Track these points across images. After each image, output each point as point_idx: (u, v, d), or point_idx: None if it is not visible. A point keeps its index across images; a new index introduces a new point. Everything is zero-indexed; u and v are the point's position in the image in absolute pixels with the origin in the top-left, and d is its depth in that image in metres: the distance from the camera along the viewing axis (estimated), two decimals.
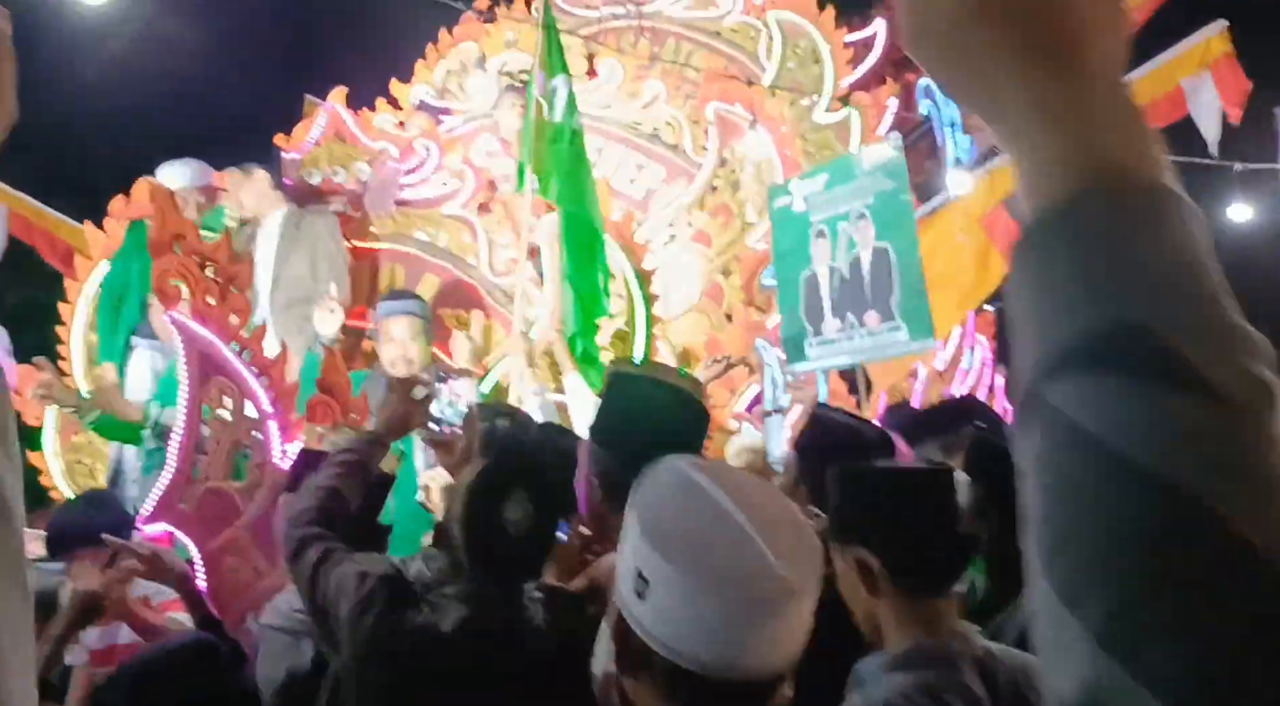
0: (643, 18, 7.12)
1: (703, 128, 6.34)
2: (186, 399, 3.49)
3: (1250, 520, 0.41)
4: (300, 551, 2.07)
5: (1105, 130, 0.50)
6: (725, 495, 1.17)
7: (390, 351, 4.48)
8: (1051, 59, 0.51)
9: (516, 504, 1.95)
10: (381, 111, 6.00)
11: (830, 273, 4.93)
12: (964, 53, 0.53)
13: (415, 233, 5.29)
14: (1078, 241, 0.47)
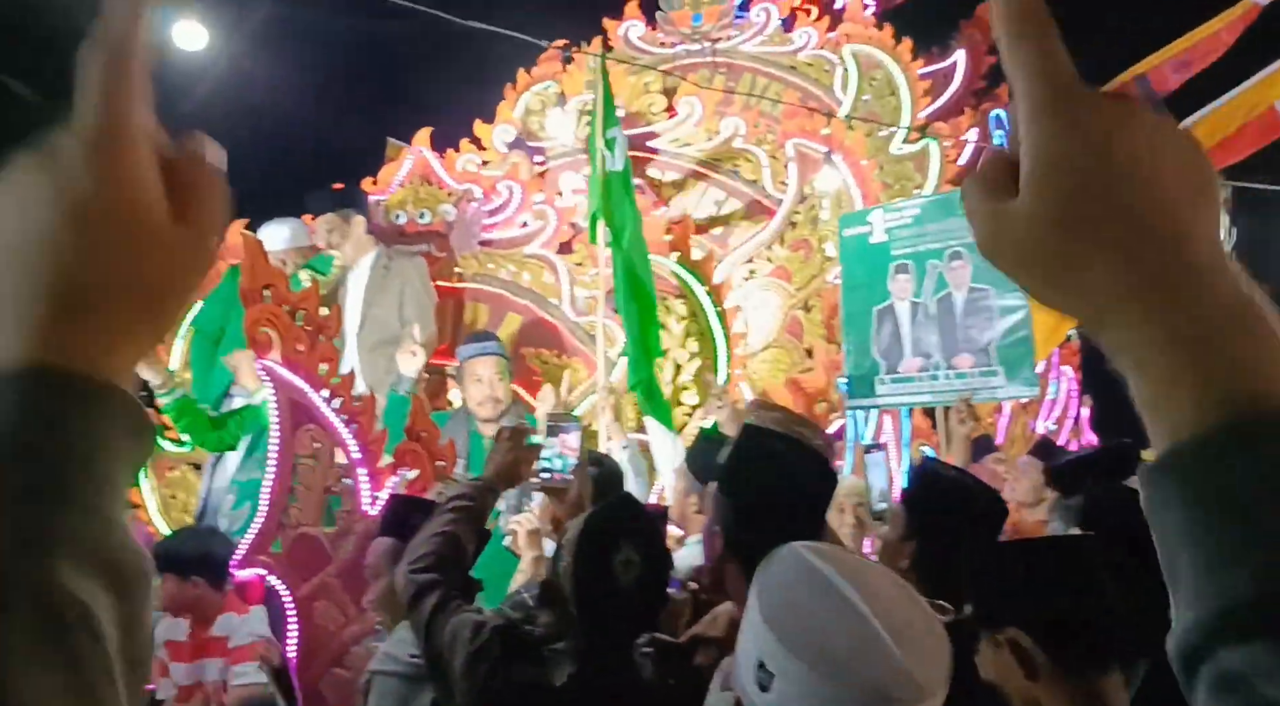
0: (718, 54, 7.15)
1: (782, 163, 6.32)
2: (277, 445, 3.56)
3: None
4: (418, 597, 2.09)
5: (1233, 344, 0.44)
6: (851, 587, 1.15)
7: (477, 392, 4.54)
8: (1155, 263, 0.46)
9: (625, 557, 1.94)
10: (465, 152, 6.10)
11: (913, 309, 4.84)
12: (1053, 270, 0.48)
13: (499, 272, 5.35)
14: (1232, 483, 0.42)
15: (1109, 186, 0.46)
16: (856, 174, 6.18)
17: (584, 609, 1.93)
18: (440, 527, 2.22)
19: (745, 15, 7.17)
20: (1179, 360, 0.44)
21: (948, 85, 7.63)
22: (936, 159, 6.80)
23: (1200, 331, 0.44)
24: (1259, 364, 0.44)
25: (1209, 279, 0.45)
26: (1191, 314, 0.45)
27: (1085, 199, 0.47)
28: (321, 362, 3.47)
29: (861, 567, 1.24)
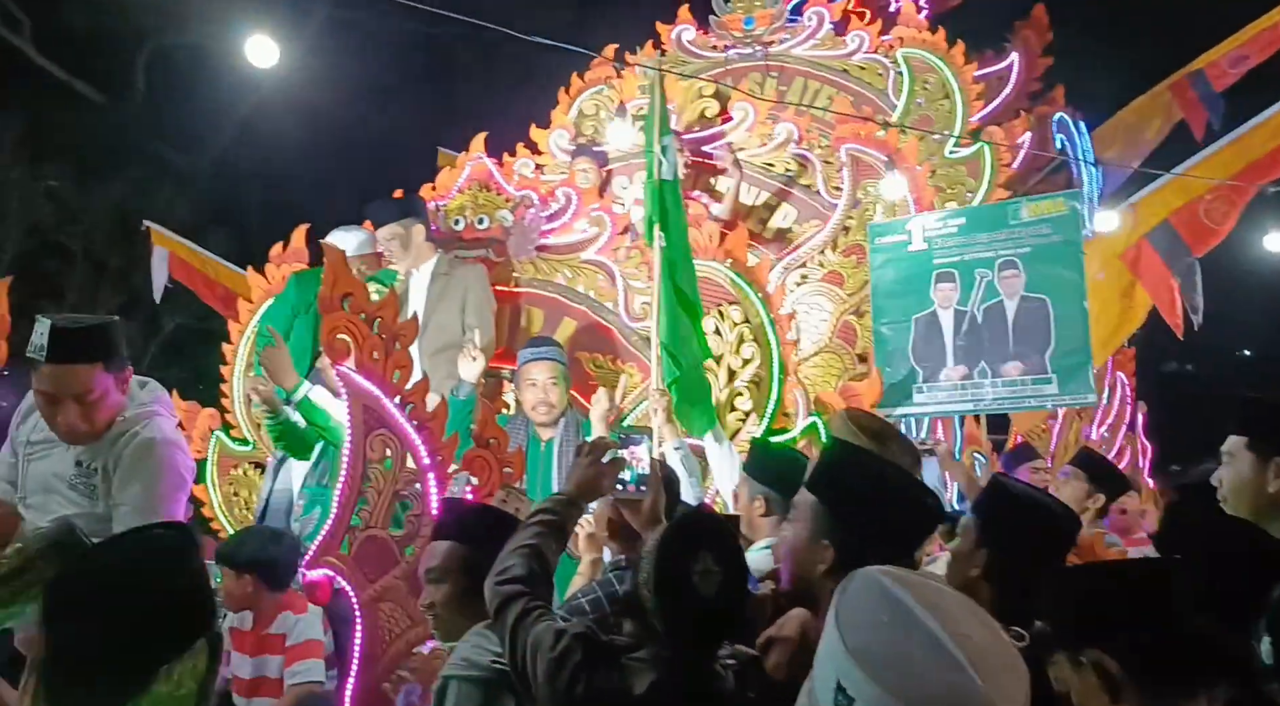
0: (770, 57, 7.17)
1: (836, 168, 6.33)
2: (349, 449, 3.66)
3: None
4: (504, 607, 2.17)
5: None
6: (929, 614, 1.18)
7: (531, 396, 4.64)
8: None
9: (704, 567, 1.98)
10: (520, 156, 6.18)
11: (957, 317, 4.83)
12: None
13: (555, 277, 5.43)
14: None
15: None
16: (910, 179, 6.18)
17: (665, 619, 1.99)
18: (525, 540, 2.29)
19: (798, 19, 7.18)
20: None
21: (1002, 88, 7.58)
22: (990, 163, 6.78)
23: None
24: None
25: None
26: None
27: None
28: (396, 370, 3.56)
29: (939, 593, 1.26)
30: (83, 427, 2.81)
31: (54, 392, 2.75)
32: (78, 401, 2.77)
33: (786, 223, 6.53)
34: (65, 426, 2.79)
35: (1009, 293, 4.72)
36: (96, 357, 2.79)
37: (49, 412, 2.79)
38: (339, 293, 3.62)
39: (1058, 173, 7.68)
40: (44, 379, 2.75)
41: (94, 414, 2.82)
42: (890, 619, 1.19)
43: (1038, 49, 7.80)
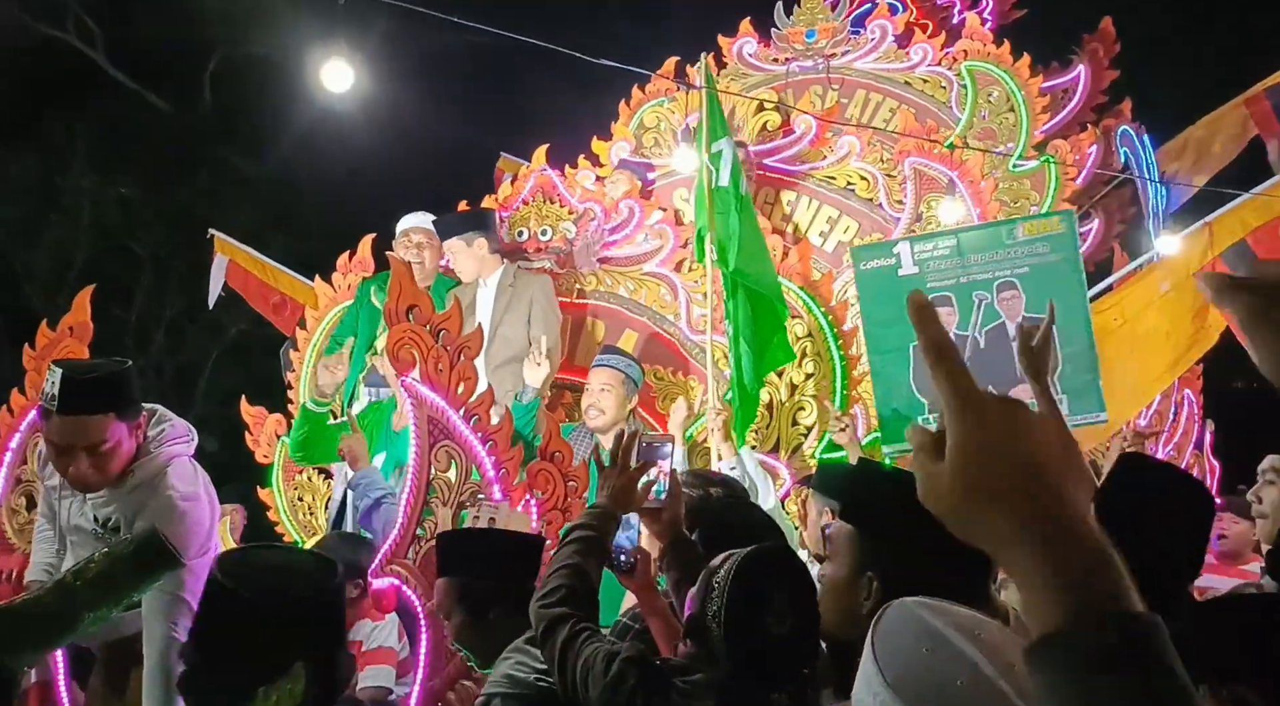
0: (832, 71, 7.14)
1: (899, 181, 6.29)
2: (414, 461, 3.70)
3: None
4: (550, 631, 2.14)
5: (1091, 571, 0.66)
6: (971, 645, 1.16)
7: (585, 399, 4.72)
8: (1033, 518, 0.68)
9: (778, 608, 1.94)
10: (582, 168, 6.22)
11: (957, 342, 4.71)
12: (967, 518, 0.72)
13: (618, 289, 5.45)
14: (1083, 662, 0.64)
15: (998, 463, 0.70)
16: (973, 194, 6.12)
17: (733, 655, 1.94)
18: (565, 560, 2.26)
19: (860, 31, 7.15)
20: (1045, 583, 0.67)
21: (1067, 101, 7.48)
22: (1055, 177, 6.69)
23: (1064, 563, 0.67)
24: (1098, 589, 0.66)
25: (1068, 529, 0.68)
26: (1058, 551, 0.67)
27: (983, 472, 0.70)
28: (461, 382, 3.60)
29: (978, 623, 1.23)
30: (94, 478, 2.73)
31: (65, 444, 2.67)
32: (89, 452, 2.68)
33: (848, 236, 6.48)
34: (76, 477, 2.71)
35: (1010, 314, 4.60)
36: (109, 408, 2.69)
37: (60, 463, 2.71)
38: (404, 304, 3.67)
39: (1123, 187, 7.55)
40: (55, 430, 2.66)
41: (106, 464, 2.72)
42: (930, 650, 1.15)
43: (1105, 61, 7.68)
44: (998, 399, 0.73)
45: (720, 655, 1.96)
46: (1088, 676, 0.64)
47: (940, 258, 4.73)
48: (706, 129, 5.00)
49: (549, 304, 5.07)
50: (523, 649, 2.38)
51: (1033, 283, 4.59)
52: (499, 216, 5.59)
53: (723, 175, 4.88)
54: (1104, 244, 7.44)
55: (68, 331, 3.87)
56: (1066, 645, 0.65)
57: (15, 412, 3.82)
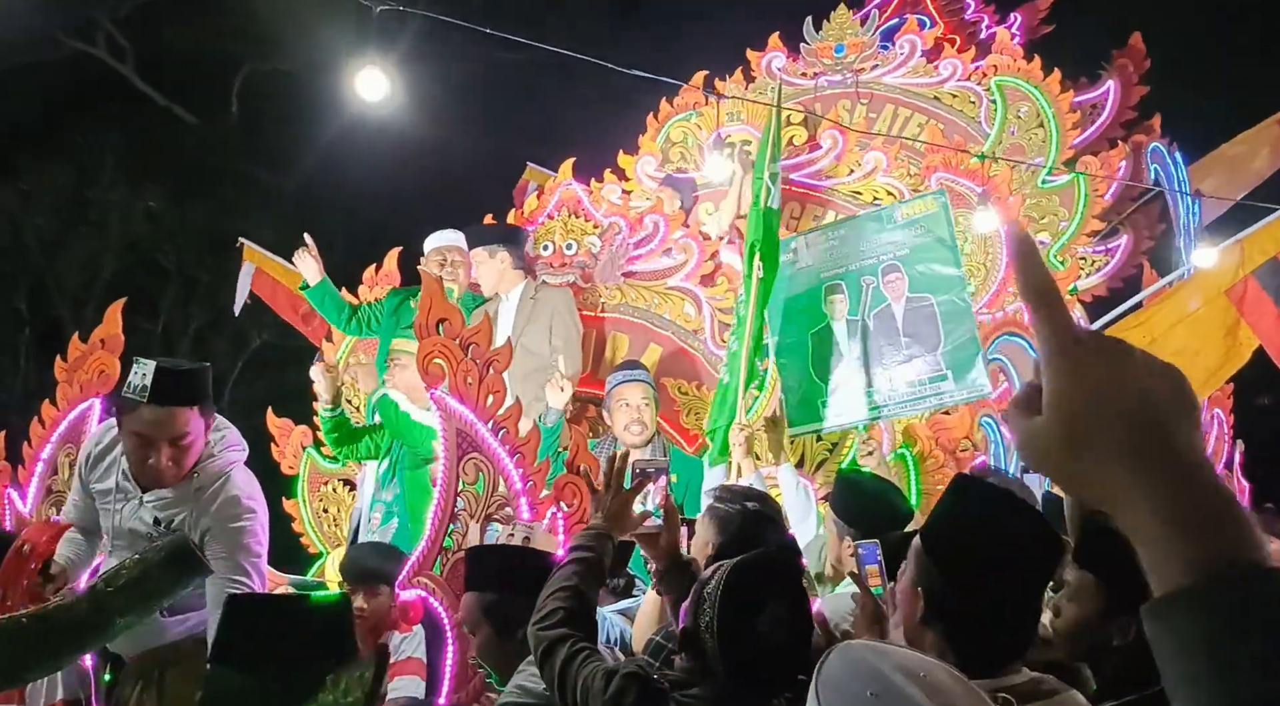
0: (860, 85, 7.12)
1: None
2: (443, 473, 3.70)
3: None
4: (549, 652, 2.14)
5: (1204, 523, 0.61)
6: (914, 686, 1.13)
7: (624, 416, 4.69)
8: (1146, 468, 0.63)
9: (770, 615, 1.93)
10: (608, 182, 6.22)
11: (849, 327, 4.85)
12: (1072, 471, 0.66)
13: (642, 303, 5.45)
14: (1214, 621, 0.58)
15: (1102, 411, 0.64)
16: (1002, 210, 6.08)
17: (727, 664, 1.94)
18: (562, 582, 2.26)
19: (889, 46, 7.13)
20: (1165, 534, 0.61)
21: (1096, 116, 7.42)
22: (1084, 193, 6.64)
23: (1183, 515, 0.61)
24: (1224, 537, 0.60)
25: (1186, 474, 0.62)
26: (1175, 501, 0.61)
27: (1084, 422, 0.65)
28: (489, 395, 3.59)
29: (921, 663, 1.21)
30: (170, 472, 2.80)
31: (151, 435, 2.75)
32: (171, 444, 2.77)
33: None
34: (154, 469, 2.78)
35: (895, 296, 4.77)
36: (194, 402, 2.81)
37: (140, 455, 2.78)
38: (434, 318, 3.68)
39: (1152, 203, 7.48)
40: (142, 420, 2.75)
41: (183, 458, 2.81)
42: (875, 695, 1.14)
43: (1134, 77, 7.61)
44: (1100, 340, 0.67)
45: (715, 666, 1.95)
46: (1214, 636, 0.58)
47: (832, 247, 4.94)
48: (772, 147, 4.99)
49: (570, 316, 5.08)
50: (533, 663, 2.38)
51: (913, 264, 4.78)
52: (526, 230, 5.61)
53: (775, 197, 4.91)
54: (1133, 260, 7.37)
55: (99, 343, 3.90)
56: (1188, 603, 0.59)
57: (47, 424, 3.84)
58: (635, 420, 4.66)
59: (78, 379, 3.82)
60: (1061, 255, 6.48)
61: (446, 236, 5.31)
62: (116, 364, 3.81)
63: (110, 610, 2.19)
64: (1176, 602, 0.60)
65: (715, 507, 2.89)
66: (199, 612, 2.88)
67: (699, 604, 2.01)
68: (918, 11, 7.78)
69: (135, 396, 2.73)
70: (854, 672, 1.16)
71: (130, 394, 2.76)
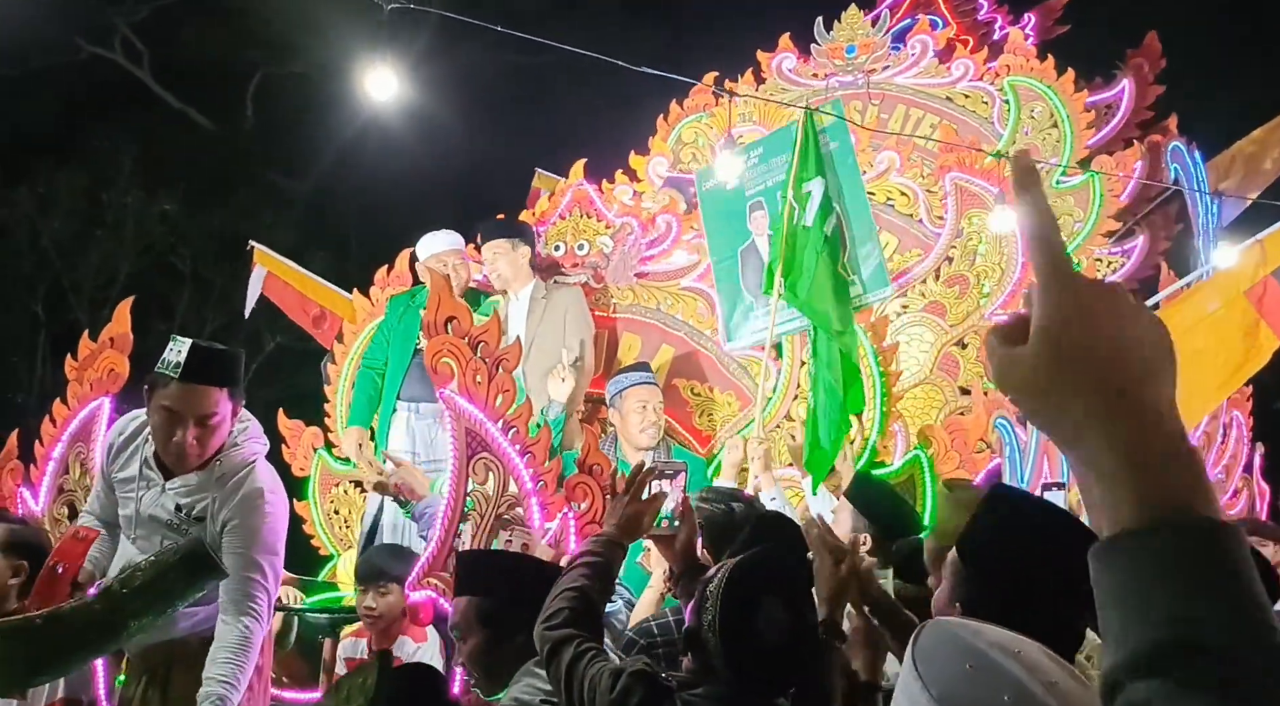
0: (871, 85, 7.08)
1: (939, 197, 6.22)
2: (453, 472, 3.68)
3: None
4: (555, 652, 2.12)
5: (1166, 469, 0.62)
6: (1013, 662, 1.13)
7: (640, 419, 4.67)
8: (1116, 404, 0.64)
9: (770, 614, 1.93)
10: (620, 183, 6.21)
11: (771, 241, 5.01)
12: (1046, 401, 0.67)
13: (654, 304, 5.43)
14: (1145, 566, 0.60)
15: (1087, 346, 0.65)
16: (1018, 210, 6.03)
17: (729, 663, 1.94)
18: (570, 584, 2.25)
19: (901, 47, 7.09)
20: (1123, 475, 0.62)
21: (1111, 116, 7.36)
22: (1099, 194, 6.59)
23: (1141, 457, 0.62)
24: (1178, 486, 0.62)
25: (1154, 422, 0.64)
26: (1136, 443, 0.63)
27: (1069, 353, 0.66)
28: (499, 394, 3.58)
29: (1015, 640, 1.20)
30: (194, 451, 2.82)
31: (179, 411, 2.78)
32: (199, 423, 2.79)
33: (887, 252, 6.41)
34: (179, 447, 2.79)
35: (810, 208, 4.95)
36: (225, 382, 2.84)
37: (166, 431, 2.80)
38: (443, 316, 3.67)
39: (1170, 203, 7.42)
40: (172, 396, 2.77)
41: (208, 438, 2.83)
42: (974, 667, 1.13)
43: (1150, 77, 7.56)
44: (1094, 280, 0.69)
45: (718, 665, 1.95)
46: (1154, 579, 0.60)
47: (752, 167, 5.17)
48: (797, 166, 4.96)
49: (582, 314, 5.07)
50: (531, 671, 2.37)
51: (826, 171, 5.01)
52: (537, 231, 5.60)
53: (808, 215, 4.89)
54: (1149, 262, 7.31)
55: (108, 342, 3.90)
56: (1134, 546, 0.61)
57: (58, 423, 3.85)
58: (653, 423, 4.65)
59: (88, 377, 3.83)
60: (1077, 256, 6.42)
61: (443, 240, 5.27)
62: (126, 363, 3.81)
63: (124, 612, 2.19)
64: (1119, 543, 0.62)
65: (700, 507, 2.88)
66: (208, 608, 2.86)
67: (702, 602, 2.01)
68: (929, 12, 7.75)
69: (168, 372, 2.76)
70: (950, 646, 1.16)
71: (163, 369, 2.79)
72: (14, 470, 3.90)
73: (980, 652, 1.13)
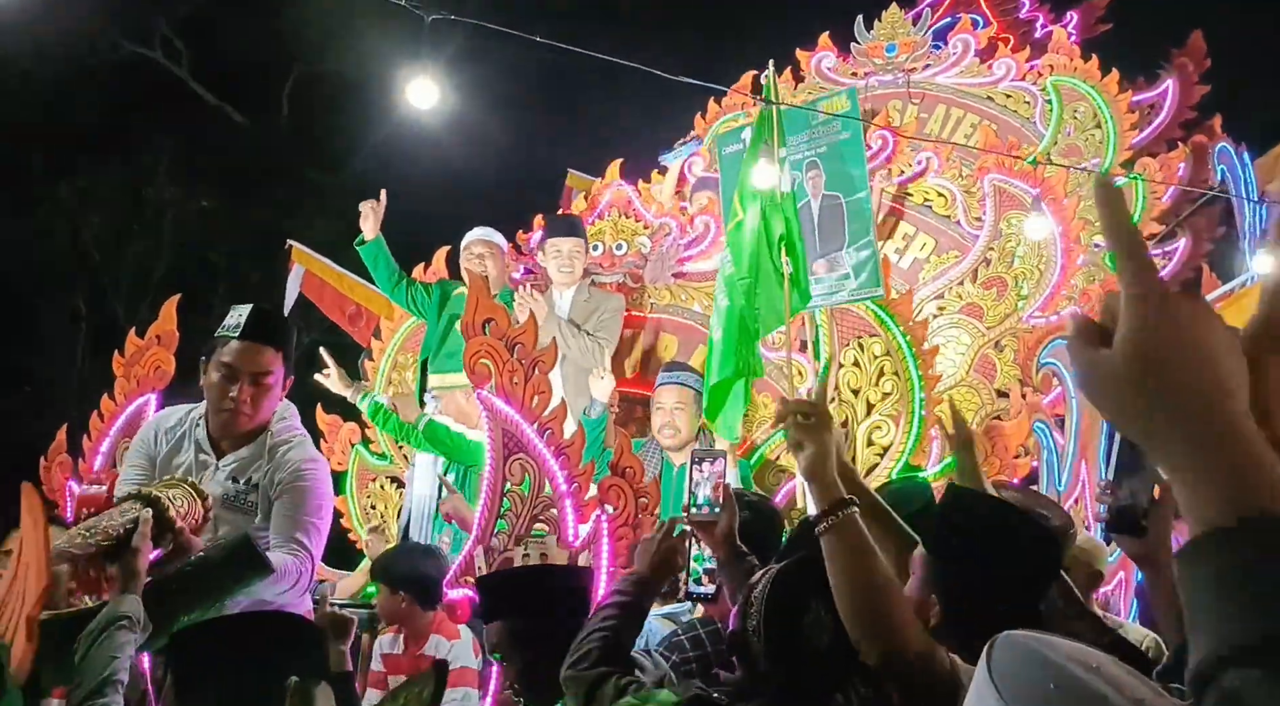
0: (911, 85, 7.03)
1: (977, 198, 6.16)
2: (489, 471, 3.69)
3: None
4: (594, 688, 2.12)
5: (1242, 473, 0.64)
6: (1097, 679, 1.10)
7: (659, 419, 4.67)
8: (1196, 416, 0.67)
9: (814, 617, 1.92)
10: (656, 183, 6.21)
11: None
12: (1131, 408, 0.70)
13: (691, 304, 5.42)
14: (1237, 561, 0.63)
15: (1171, 357, 0.68)
16: (1056, 211, 5.97)
17: (776, 669, 1.93)
18: (599, 625, 2.23)
19: (942, 46, 7.04)
20: (1205, 479, 0.65)
21: (1154, 116, 7.26)
22: (1142, 195, 6.50)
23: (1226, 461, 0.65)
24: (1262, 486, 0.64)
25: (1234, 429, 0.66)
26: (1219, 450, 0.65)
27: (1156, 363, 0.68)
28: (535, 395, 3.58)
29: (1092, 655, 1.18)
30: (247, 411, 2.87)
31: (236, 366, 2.84)
32: (253, 382, 2.85)
33: (924, 253, 6.37)
34: (233, 404, 2.85)
35: (814, 192, 4.98)
36: (280, 345, 2.92)
37: (221, 390, 2.85)
38: (481, 317, 3.67)
39: (1213, 206, 7.30)
40: (231, 352, 2.84)
41: (261, 399, 2.88)
42: (1059, 686, 1.11)
43: (1194, 77, 7.44)
44: (1178, 293, 0.71)
45: (763, 668, 1.94)
46: (1243, 574, 0.62)
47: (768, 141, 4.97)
48: (778, 140, 4.94)
49: (614, 318, 5.08)
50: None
51: (830, 161, 5.00)
52: None
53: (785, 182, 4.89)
54: (1191, 264, 7.20)
55: (155, 339, 3.95)
56: (1220, 541, 0.64)
57: (105, 418, 3.90)
58: (667, 423, 4.64)
59: (135, 374, 3.88)
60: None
61: (474, 233, 5.33)
62: (172, 359, 3.86)
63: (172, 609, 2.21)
64: (1207, 541, 0.64)
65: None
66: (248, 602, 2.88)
67: (746, 607, 2.00)
68: (971, 11, 7.68)
69: (229, 333, 2.86)
70: (1029, 663, 1.12)
71: (223, 332, 2.88)
72: (63, 464, 3.96)
73: (1061, 669, 1.09)
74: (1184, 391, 0.68)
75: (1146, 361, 0.69)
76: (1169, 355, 0.69)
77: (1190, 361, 0.68)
